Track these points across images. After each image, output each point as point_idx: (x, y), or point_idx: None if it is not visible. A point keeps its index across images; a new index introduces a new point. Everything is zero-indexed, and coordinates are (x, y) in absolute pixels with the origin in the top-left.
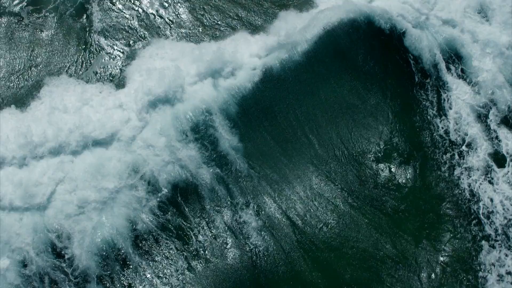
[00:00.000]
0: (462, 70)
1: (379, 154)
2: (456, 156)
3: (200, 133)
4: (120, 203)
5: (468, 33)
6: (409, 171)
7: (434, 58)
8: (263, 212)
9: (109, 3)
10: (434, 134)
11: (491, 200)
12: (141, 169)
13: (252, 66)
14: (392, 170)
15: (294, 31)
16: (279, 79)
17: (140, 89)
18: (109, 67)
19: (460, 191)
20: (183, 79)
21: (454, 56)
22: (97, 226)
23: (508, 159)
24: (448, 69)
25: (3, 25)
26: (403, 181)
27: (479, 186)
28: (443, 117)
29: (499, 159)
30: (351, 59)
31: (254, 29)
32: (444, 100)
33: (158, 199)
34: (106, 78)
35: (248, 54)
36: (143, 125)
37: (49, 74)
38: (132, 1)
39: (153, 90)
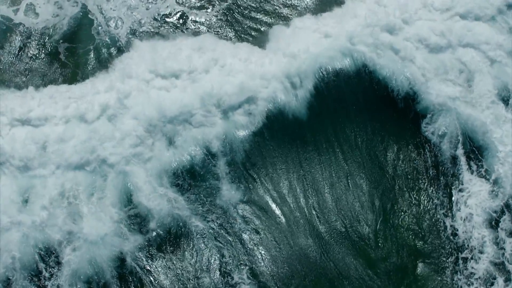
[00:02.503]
0: (485, 171)
1: (377, 248)
2: (460, 261)
3: (200, 179)
4: (111, 235)
5: (492, 125)
6: (406, 269)
7: (455, 149)
8: (256, 278)
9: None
10: (439, 235)
11: None
12: (134, 200)
13: (259, 104)
14: (388, 266)
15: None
16: (285, 130)
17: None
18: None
19: None
20: (191, 114)
21: (476, 150)
22: (85, 256)
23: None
24: (469, 165)
25: (38, 53)
26: (399, 279)
27: None
28: (453, 219)
29: (502, 270)
30: (360, 133)
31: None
32: (457, 201)
33: (147, 240)
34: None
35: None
36: (141, 160)
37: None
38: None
39: (160, 120)
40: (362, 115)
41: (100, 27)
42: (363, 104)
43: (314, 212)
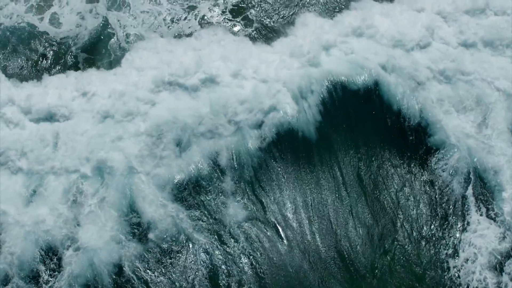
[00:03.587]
0: (495, 213)
1: (375, 282)
2: None
3: (205, 193)
4: (111, 240)
5: (505, 164)
6: None
7: (466, 189)
8: None
9: None
10: (441, 274)
11: None
12: (136, 208)
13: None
14: None
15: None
16: (293, 151)
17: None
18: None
19: None
20: (201, 118)
21: (487, 191)
22: (85, 259)
23: None
24: (478, 206)
25: (57, 61)
26: None
27: None
28: (456, 259)
29: None
30: (367, 163)
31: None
32: (462, 241)
33: (146, 250)
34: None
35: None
36: (146, 165)
37: None
38: None
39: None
40: (371, 144)
41: (119, 43)
42: (372, 132)
43: (318, 238)
